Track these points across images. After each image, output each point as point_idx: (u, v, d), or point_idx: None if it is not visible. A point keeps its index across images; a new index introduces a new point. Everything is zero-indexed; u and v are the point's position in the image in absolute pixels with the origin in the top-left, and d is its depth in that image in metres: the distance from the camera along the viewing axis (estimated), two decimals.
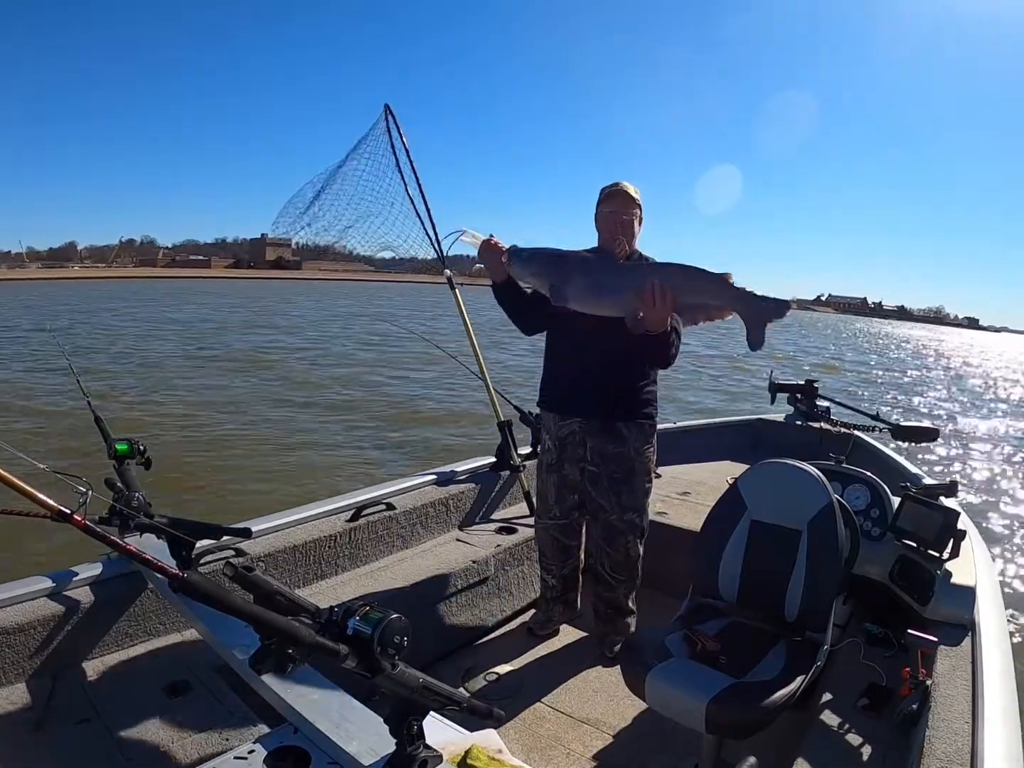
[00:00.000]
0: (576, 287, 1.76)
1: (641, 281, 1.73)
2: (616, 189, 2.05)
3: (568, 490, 2.19)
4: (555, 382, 2.17)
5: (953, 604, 1.72)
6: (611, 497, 2.11)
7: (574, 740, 1.86)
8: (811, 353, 24.74)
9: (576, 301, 1.78)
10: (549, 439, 2.19)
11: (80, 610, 1.58)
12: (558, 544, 2.26)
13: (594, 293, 1.79)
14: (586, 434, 2.10)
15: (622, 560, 2.18)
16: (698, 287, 1.73)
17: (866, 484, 2.17)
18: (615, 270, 1.81)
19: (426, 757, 1.01)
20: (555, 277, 1.78)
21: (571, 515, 2.23)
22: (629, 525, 2.14)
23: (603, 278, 1.79)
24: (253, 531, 1.88)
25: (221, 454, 6.32)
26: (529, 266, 1.83)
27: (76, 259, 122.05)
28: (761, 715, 1.38)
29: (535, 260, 1.82)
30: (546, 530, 2.27)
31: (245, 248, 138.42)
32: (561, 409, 2.14)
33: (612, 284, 1.79)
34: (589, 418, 2.09)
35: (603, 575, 2.22)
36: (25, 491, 1.20)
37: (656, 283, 1.69)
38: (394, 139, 2.59)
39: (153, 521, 1.63)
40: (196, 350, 13.59)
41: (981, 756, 1.19)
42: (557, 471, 2.18)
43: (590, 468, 2.12)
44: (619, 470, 2.09)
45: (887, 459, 3.09)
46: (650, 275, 1.74)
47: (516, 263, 1.83)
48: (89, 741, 1.31)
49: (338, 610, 1.00)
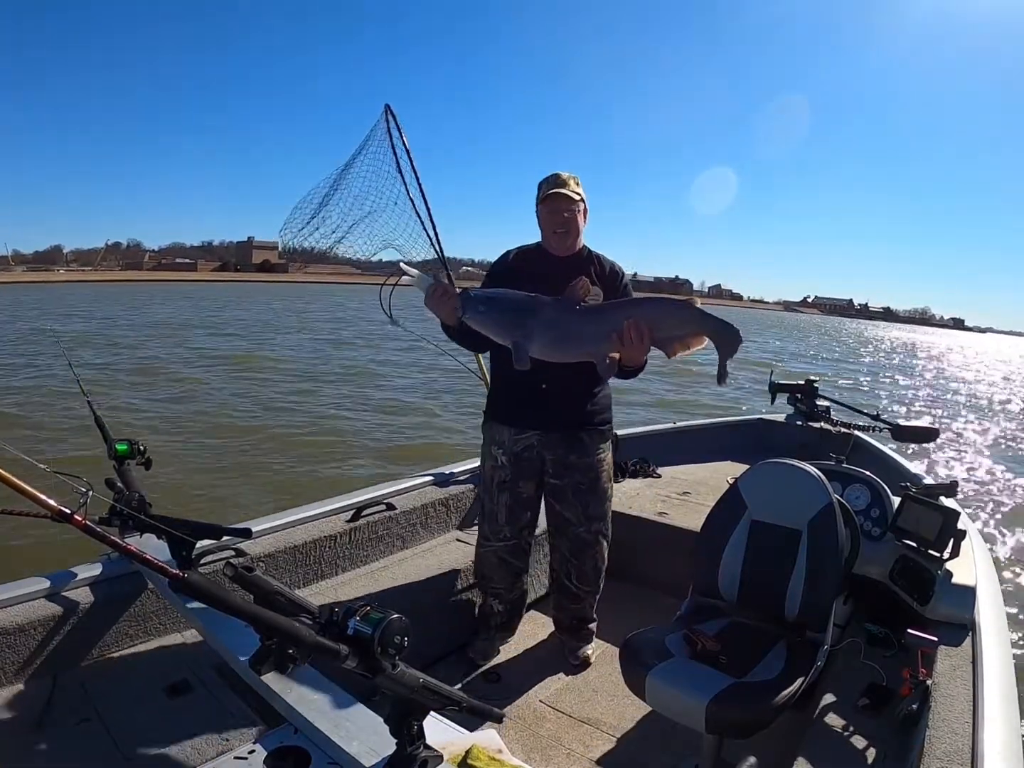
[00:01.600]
0: (541, 341, 1.62)
1: (610, 324, 1.62)
2: (554, 192, 1.92)
3: (521, 508, 2.09)
4: (509, 394, 2.05)
5: (953, 604, 1.72)
6: (577, 509, 2.06)
7: (574, 740, 1.86)
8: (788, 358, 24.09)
9: (542, 355, 1.65)
10: (502, 454, 2.06)
11: (80, 610, 1.58)
12: (508, 567, 2.14)
13: (561, 344, 1.66)
14: (544, 447, 2.02)
15: (590, 571, 2.15)
16: (673, 319, 1.64)
17: (866, 484, 2.17)
18: (581, 316, 1.64)
19: (426, 757, 1.01)
20: (516, 332, 1.62)
21: (522, 535, 2.13)
22: (596, 536, 2.11)
23: (569, 326, 1.65)
24: (253, 531, 1.87)
25: (221, 453, 6.32)
26: (486, 319, 1.64)
27: (62, 262, 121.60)
28: (761, 715, 1.38)
29: (492, 313, 1.64)
30: (494, 553, 2.13)
31: (232, 251, 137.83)
32: (517, 422, 2.03)
33: (579, 332, 1.66)
34: (548, 430, 2.01)
35: (570, 588, 2.17)
36: (26, 491, 1.20)
37: (632, 323, 1.58)
38: (394, 140, 2.59)
39: (153, 521, 1.63)
40: (212, 349, 13.57)
41: (981, 756, 1.19)
42: (510, 489, 2.06)
43: (551, 481, 2.06)
44: (584, 479, 2.04)
45: (887, 459, 3.10)
46: (621, 315, 1.62)
47: (471, 315, 1.64)
48: (89, 741, 1.31)
49: (338, 610, 1.01)
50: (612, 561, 2.17)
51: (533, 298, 1.64)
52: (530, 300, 1.64)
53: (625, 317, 1.60)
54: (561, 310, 1.64)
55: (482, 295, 1.67)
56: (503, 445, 2.06)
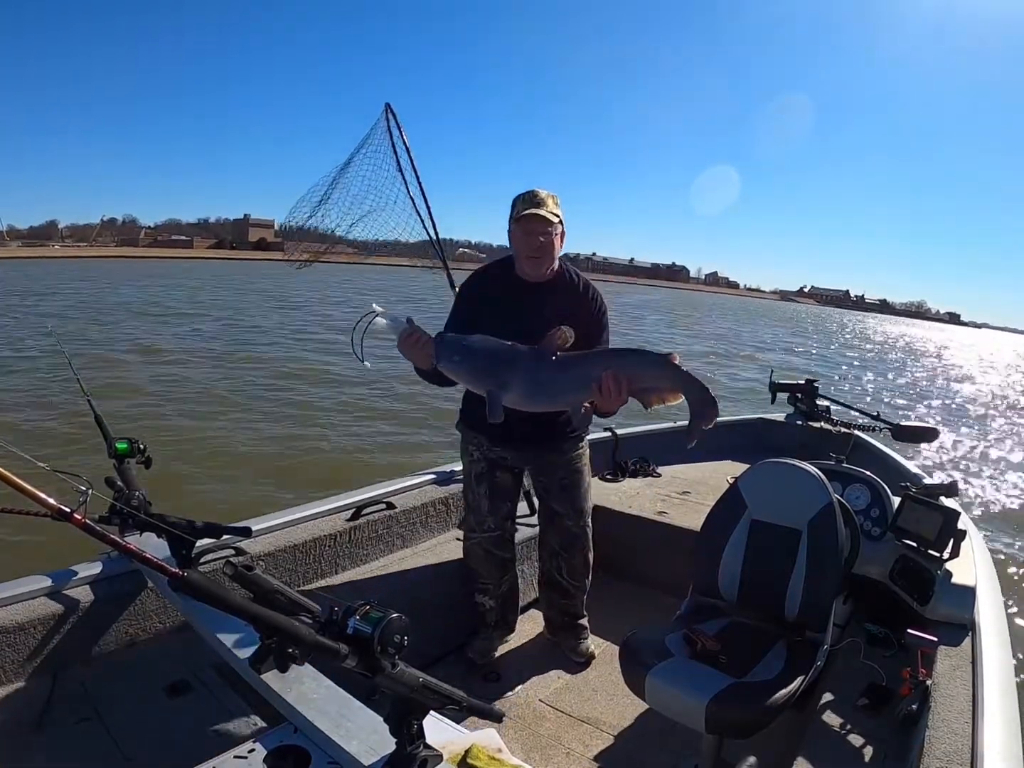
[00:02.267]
0: (516, 392, 1.59)
1: (589, 375, 1.58)
2: (529, 213, 1.77)
3: (500, 498, 2.08)
4: (481, 410, 2.02)
5: (953, 604, 1.72)
6: (566, 502, 2.08)
7: (574, 740, 1.86)
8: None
9: (516, 405, 1.62)
10: (477, 451, 2.06)
11: (80, 609, 1.58)
12: (494, 559, 2.13)
13: (537, 396, 1.63)
14: (518, 462, 2.07)
15: (580, 565, 2.16)
16: (652, 372, 1.61)
17: (866, 484, 2.17)
18: (559, 367, 1.61)
19: (426, 756, 1.01)
20: (491, 383, 1.59)
21: (505, 525, 2.13)
22: (584, 529, 2.13)
23: (547, 378, 1.62)
24: (253, 530, 1.87)
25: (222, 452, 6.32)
26: (459, 368, 1.62)
27: (57, 238, 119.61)
28: (761, 715, 1.38)
29: (466, 363, 1.61)
30: (479, 545, 2.11)
31: (228, 229, 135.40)
32: (491, 436, 2.01)
33: (556, 383, 1.63)
34: (521, 450, 2.02)
35: (561, 583, 2.19)
36: (26, 490, 1.20)
37: (611, 374, 1.55)
38: (395, 138, 2.59)
39: (153, 520, 1.63)
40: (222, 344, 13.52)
41: (981, 756, 1.19)
42: (488, 479, 2.06)
43: (538, 479, 2.11)
44: (567, 475, 2.07)
45: (887, 459, 3.10)
46: (599, 366, 1.58)
47: (445, 364, 1.60)
48: (89, 741, 1.31)
49: (338, 609, 1.00)
50: (612, 560, 2.17)
51: (510, 347, 1.60)
52: (507, 350, 1.60)
53: (604, 368, 1.57)
54: (538, 360, 1.60)
55: (457, 343, 1.61)
56: (480, 447, 2.06)
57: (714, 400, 1.61)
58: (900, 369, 22.32)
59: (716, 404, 1.61)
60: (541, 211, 1.77)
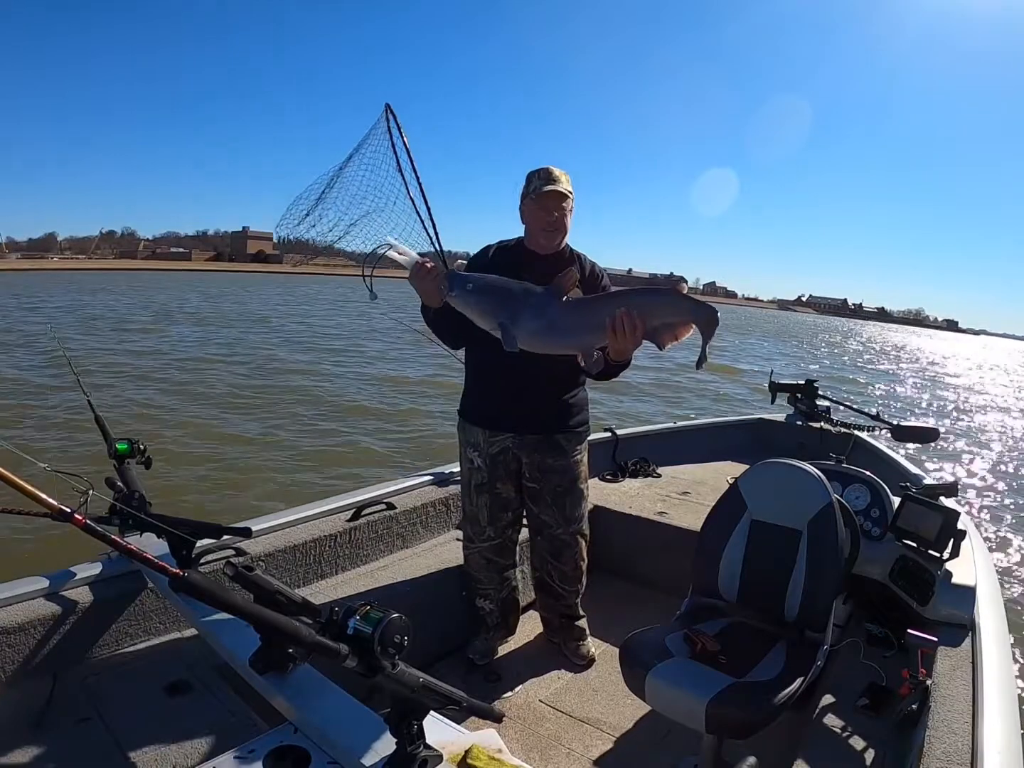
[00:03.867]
0: (528, 329, 1.55)
1: (601, 314, 1.54)
2: (549, 190, 1.84)
3: (501, 509, 2.08)
4: (483, 396, 2.03)
5: (953, 604, 1.72)
6: (555, 512, 2.06)
7: (574, 740, 1.86)
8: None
9: (528, 345, 1.57)
10: (477, 456, 2.03)
11: (80, 609, 1.58)
12: (494, 566, 2.14)
13: (548, 334, 1.59)
14: (520, 450, 2.00)
15: (571, 571, 2.15)
16: (663, 304, 1.57)
17: (866, 484, 2.17)
18: (571, 307, 1.59)
19: (426, 757, 1.01)
20: (503, 315, 1.55)
21: (505, 534, 2.13)
22: (575, 536, 2.11)
23: (559, 316, 1.58)
24: (253, 530, 1.87)
25: (222, 452, 6.32)
26: (473, 299, 1.57)
27: (56, 250, 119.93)
28: (761, 715, 1.38)
29: (480, 293, 1.56)
30: (480, 554, 2.13)
31: (226, 241, 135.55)
32: (491, 425, 2.00)
33: (568, 322, 1.59)
34: (523, 433, 1.98)
35: (553, 587, 2.18)
36: (26, 490, 1.20)
37: (625, 312, 1.51)
38: (395, 139, 2.58)
39: (153, 520, 1.62)
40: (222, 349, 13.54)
41: (981, 756, 1.19)
42: (489, 491, 2.04)
43: (528, 484, 2.05)
44: (562, 482, 2.03)
45: (887, 459, 3.10)
46: (612, 305, 1.55)
47: (458, 294, 1.56)
48: (89, 741, 1.31)
49: (338, 609, 1.00)
50: (612, 560, 2.16)
51: (522, 284, 1.59)
52: (519, 285, 1.58)
53: (617, 307, 1.54)
54: (550, 299, 1.57)
55: (469, 275, 1.60)
56: (478, 447, 2.03)
57: (714, 310, 1.57)
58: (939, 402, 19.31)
59: (716, 312, 1.57)
60: (557, 187, 1.85)
